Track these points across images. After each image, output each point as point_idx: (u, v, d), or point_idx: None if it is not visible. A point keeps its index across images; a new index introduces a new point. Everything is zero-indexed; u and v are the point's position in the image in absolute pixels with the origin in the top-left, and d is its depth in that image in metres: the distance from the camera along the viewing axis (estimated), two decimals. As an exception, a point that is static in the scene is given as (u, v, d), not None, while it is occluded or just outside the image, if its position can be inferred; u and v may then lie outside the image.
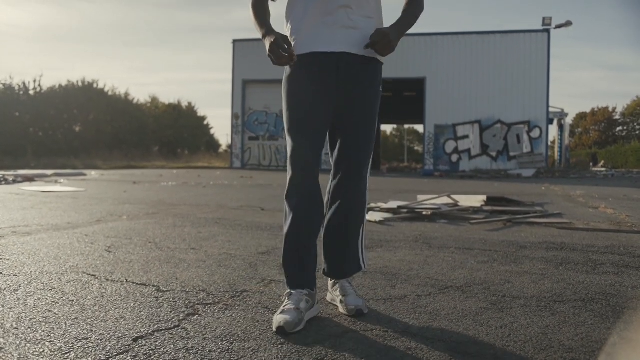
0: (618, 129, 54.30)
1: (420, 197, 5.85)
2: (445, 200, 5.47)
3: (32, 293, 2.00)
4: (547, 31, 20.15)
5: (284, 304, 1.73)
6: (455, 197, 5.60)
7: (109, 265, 2.56)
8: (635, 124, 52.99)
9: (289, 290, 1.78)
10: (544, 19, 20.22)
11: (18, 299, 1.91)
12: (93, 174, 15.04)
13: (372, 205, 5.17)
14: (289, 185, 1.85)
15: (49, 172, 14.28)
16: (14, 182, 10.09)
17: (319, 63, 1.83)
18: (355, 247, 1.96)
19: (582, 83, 77.88)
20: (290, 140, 1.85)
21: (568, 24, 20.52)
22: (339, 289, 1.92)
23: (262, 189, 9.11)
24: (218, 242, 3.32)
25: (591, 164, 29.94)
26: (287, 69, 1.90)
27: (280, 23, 2.00)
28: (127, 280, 2.25)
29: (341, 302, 1.87)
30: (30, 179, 10.90)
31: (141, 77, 77.11)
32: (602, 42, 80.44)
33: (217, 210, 5.24)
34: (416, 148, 58.72)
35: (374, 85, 1.92)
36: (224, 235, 3.61)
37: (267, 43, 1.79)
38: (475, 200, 5.38)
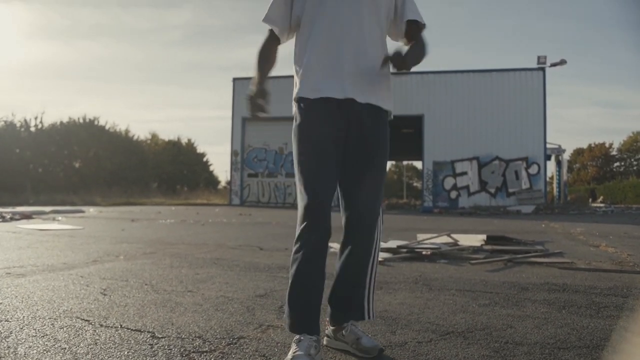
0: (615, 164, 54.56)
1: (420, 236, 5.81)
2: (444, 239, 5.43)
3: (23, 340, 1.96)
4: (543, 69, 20.48)
5: (293, 350, 1.68)
6: (454, 236, 5.56)
7: (103, 309, 2.51)
8: (632, 160, 53.28)
9: (298, 336, 1.73)
10: (538, 57, 20.58)
11: (8, 347, 1.86)
12: (91, 210, 14.99)
13: (372, 244, 5.12)
14: (300, 232, 1.85)
15: (47, 209, 14.23)
16: (12, 219, 10.04)
17: (329, 109, 1.85)
18: (362, 294, 1.95)
19: (578, 119, 78.78)
20: (303, 188, 1.84)
21: (562, 62, 20.87)
22: (350, 333, 1.90)
23: (261, 227, 9.06)
24: (215, 284, 3.27)
25: (590, 199, 29.92)
26: (296, 117, 1.94)
27: (287, 61, 2.04)
28: (121, 325, 2.20)
29: (356, 345, 1.85)
30: (28, 217, 10.85)
31: (142, 114, 77.90)
32: (596, 80, 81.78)
33: (215, 250, 5.19)
34: (415, 184, 58.82)
35: (383, 133, 1.94)
36: (222, 276, 3.56)
37: (249, 91, 1.87)
38: (475, 240, 5.34)
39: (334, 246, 2.07)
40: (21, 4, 58.80)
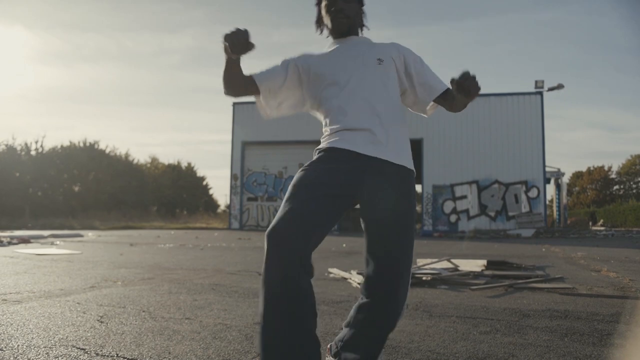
0: (615, 187, 54.63)
1: (420, 261, 5.77)
2: (445, 264, 5.39)
3: (17, 370, 1.92)
4: (540, 93, 20.66)
5: None
6: (455, 261, 5.53)
7: (100, 337, 2.48)
8: (631, 183, 53.36)
9: None
10: (536, 82, 20.79)
11: (2, 378, 1.83)
12: (90, 235, 14.93)
13: (371, 269, 5.09)
14: (265, 268, 1.60)
15: (46, 233, 14.18)
16: (9, 244, 9.99)
17: (347, 159, 1.76)
18: (375, 351, 1.79)
19: (577, 143, 79.18)
20: (283, 206, 1.68)
21: (560, 86, 21.06)
22: None
23: (260, 251, 9.01)
24: (213, 310, 3.23)
25: (590, 223, 29.86)
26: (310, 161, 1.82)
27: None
28: (117, 354, 2.17)
29: None
30: (26, 241, 10.80)
31: (142, 138, 78.21)
32: (593, 103, 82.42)
33: (213, 275, 5.15)
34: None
35: (410, 196, 1.82)
36: (220, 303, 3.53)
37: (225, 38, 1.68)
38: (475, 265, 5.31)
39: (334, 272, 2.01)
40: (23, 28, 59.59)
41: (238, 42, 1.65)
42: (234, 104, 23.47)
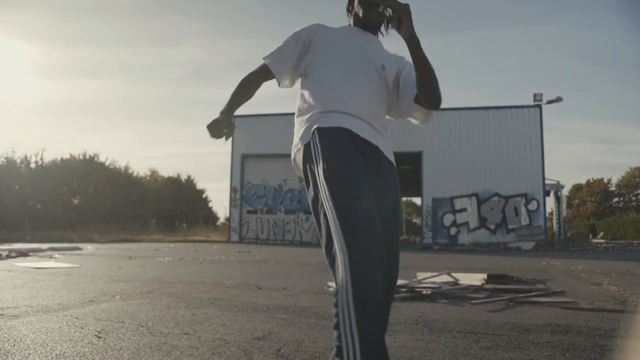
0: (614, 200, 54.64)
1: (420, 275, 5.75)
2: (445, 278, 5.37)
3: (14, 387, 1.90)
4: (539, 106, 20.73)
5: None
6: (455, 274, 5.51)
7: (97, 353, 2.46)
8: (631, 195, 53.38)
9: None
10: (535, 94, 20.88)
11: (-2, 395, 1.81)
12: (89, 248, 14.88)
13: (371, 283, 5.06)
14: (354, 265, 1.52)
15: (45, 246, 14.12)
16: (8, 257, 9.95)
17: (358, 142, 1.75)
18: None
19: (576, 155, 79.35)
20: (345, 209, 1.59)
21: (558, 99, 21.15)
22: None
23: (259, 265, 8.98)
24: (212, 325, 3.21)
25: (590, 235, 29.82)
26: (314, 150, 1.76)
27: (282, 99, 2.05)
28: (115, 371, 2.14)
29: None
30: (24, 254, 10.75)
31: (142, 150, 78.33)
32: (592, 117, 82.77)
33: (212, 289, 5.13)
34: (414, 220, 58.67)
35: (398, 191, 1.91)
36: (219, 317, 3.50)
37: (213, 121, 1.83)
38: (475, 279, 5.29)
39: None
40: (24, 42, 59.94)
41: (218, 133, 1.81)
42: (234, 117, 23.46)
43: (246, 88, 1.99)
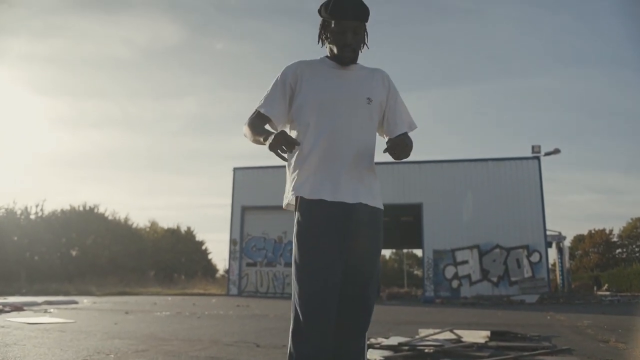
0: (617, 251, 54.13)
1: (422, 332, 5.62)
2: (447, 335, 5.25)
3: None
4: (538, 158, 20.88)
5: None
6: (457, 331, 5.38)
7: (87, 419, 2.36)
8: (634, 246, 52.92)
9: None
10: (533, 147, 21.06)
11: None
12: (85, 301, 14.64)
13: (372, 341, 4.95)
14: (300, 347, 1.83)
15: (40, 299, 13.90)
16: (2, 312, 9.77)
17: (332, 211, 1.89)
18: None
19: (576, 206, 79.15)
20: (305, 291, 1.85)
21: (556, 151, 21.34)
22: None
23: (258, 320, 8.81)
24: (208, 387, 3.11)
25: (595, 287, 29.36)
26: (297, 215, 1.94)
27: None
28: None
29: None
30: (19, 308, 10.57)
31: (142, 201, 78.30)
32: (590, 167, 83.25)
33: (209, 347, 5.00)
34: (415, 272, 57.99)
35: (380, 235, 1.99)
36: (215, 379, 3.39)
37: (268, 141, 1.85)
38: (478, 336, 5.16)
39: None
40: (28, 94, 61.06)
41: (284, 142, 1.84)
42: (235, 169, 23.68)
43: (257, 124, 2.05)
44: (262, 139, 1.94)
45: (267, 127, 2.05)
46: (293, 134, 2.02)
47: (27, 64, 56.91)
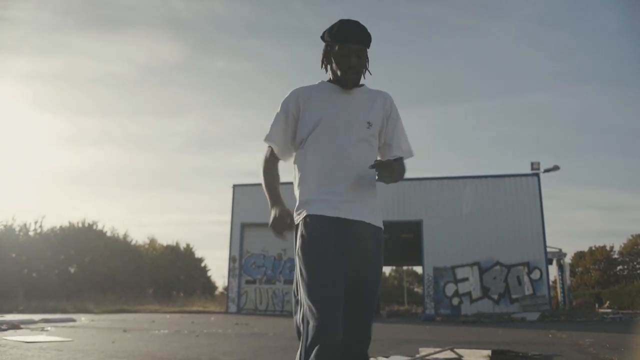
0: (618, 268, 53.87)
1: (422, 351, 5.57)
2: (448, 354, 5.20)
3: None
4: (537, 175, 20.90)
5: None
6: (458, 350, 5.33)
7: None
8: (635, 263, 52.69)
9: None
10: (532, 163, 21.09)
11: None
12: (83, 319, 14.52)
13: (372, 360, 4.89)
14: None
15: (37, 317, 13.78)
16: (-1, 330, 9.68)
17: (333, 225, 1.94)
18: None
19: (576, 222, 79.03)
20: (316, 310, 1.84)
21: (555, 168, 21.36)
22: None
23: (257, 338, 8.73)
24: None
25: (596, 305, 29.17)
26: (301, 229, 2.00)
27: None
28: None
29: None
30: (16, 326, 10.48)
31: (141, 218, 78.25)
32: (590, 184, 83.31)
33: (207, 366, 4.94)
34: (416, 289, 57.65)
35: (381, 252, 2.03)
36: (213, 399, 3.35)
37: (271, 214, 1.98)
38: (480, 355, 5.11)
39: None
40: (31, 111, 61.38)
41: (281, 226, 1.95)
42: (234, 186, 23.67)
43: (270, 173, 2.16)
44: (268, 199, 2.07)
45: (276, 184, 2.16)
46: (298, 155, 2.10)
47: (29, 81, 57.33)
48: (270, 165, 2.16)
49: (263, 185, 2.15)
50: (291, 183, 2.15)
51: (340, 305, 1.85)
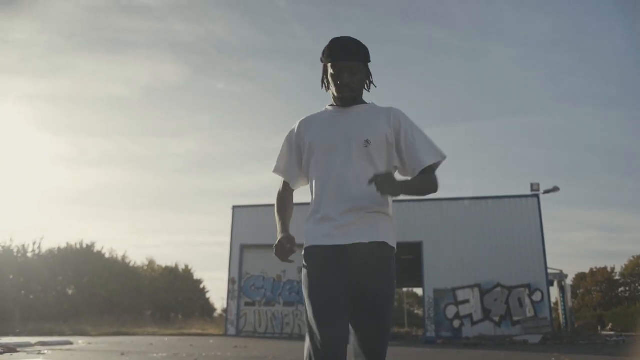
0: (620, 289, 53.49)
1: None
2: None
3: None
4: (537, 196, 20.88)
5: None
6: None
7: None
8: (637, 285, 52.34)
9: None
10: (532, 185, 21.08)
11: None
12: (80, 342, 14.36)
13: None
14: None
15: (34, 340, 13.63)
16: (-5, 353, 9.55)
17: (327, 256, 1.96)
18: None
19: (577, 243, 78.68)
20: (315, 330, 1.88)
21: (555, 189, 21.36)
22: None
23: (257, 361, 8.62)
24: None
25: (599, 327, 28.89)
26: (302, 263, 2.05)
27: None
28: None
29: None
30: (12, 350, 10.34)
31: (140, 239, 77.84)
32: (590, 205, 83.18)
33: (206, 392, 4.87)
34: (416, 311, 57.12)
35: (386, 268, 2.01)
36: None
37: (277, 240, 2.04)
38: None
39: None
40: (33, 131, 61.51)
41: (282, 253, 2.01)
42: (234, 207, 23.62)
43: (283, 203, 2.20)
44: (277, 228, 2.12)
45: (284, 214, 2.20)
46: (309, 181, 2.14)
47: (31, 102, 57.59)
48: (282, 194, 2.21)
49: (275, 213, 2.22)
50: (305, 204, 2.16)
51: (335, 328, 1.87)
